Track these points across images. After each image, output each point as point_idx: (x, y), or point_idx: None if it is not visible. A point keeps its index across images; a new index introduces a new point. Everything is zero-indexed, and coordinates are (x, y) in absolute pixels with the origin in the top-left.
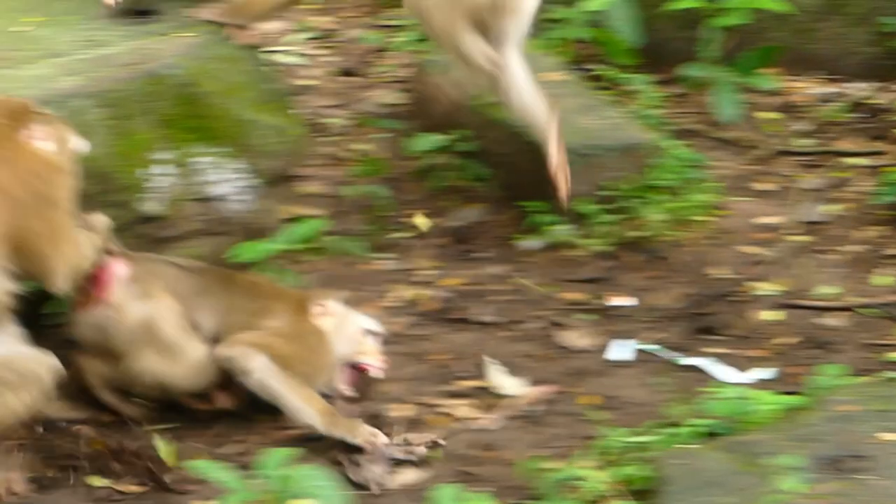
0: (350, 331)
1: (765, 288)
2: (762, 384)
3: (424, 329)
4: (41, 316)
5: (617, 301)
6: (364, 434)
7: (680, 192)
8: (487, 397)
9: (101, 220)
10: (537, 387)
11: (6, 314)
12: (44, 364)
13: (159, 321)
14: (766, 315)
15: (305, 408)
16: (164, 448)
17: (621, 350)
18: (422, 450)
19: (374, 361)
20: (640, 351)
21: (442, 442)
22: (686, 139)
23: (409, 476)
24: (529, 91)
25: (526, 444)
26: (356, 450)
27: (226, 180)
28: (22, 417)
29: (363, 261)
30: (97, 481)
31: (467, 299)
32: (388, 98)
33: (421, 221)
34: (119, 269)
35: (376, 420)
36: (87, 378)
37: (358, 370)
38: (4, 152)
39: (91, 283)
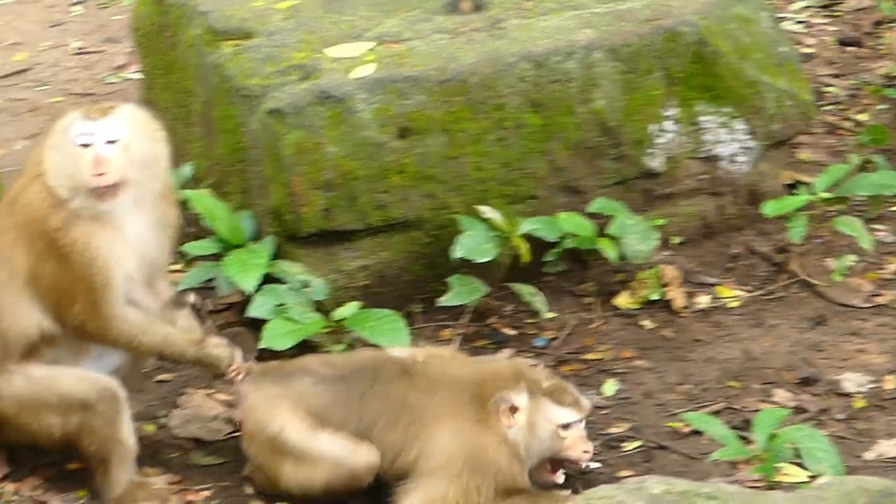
0: (545, 432)
1: None
2: None
3: None
4: None
5: None
6: None
7: None
8: None
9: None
10: None
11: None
12: (96, 386)
13: (283, 433)
14: None
15: None
16: None
17: None
18: None
19: (579, 454)
20: None
21: None
22: None
23: (889, 449)
24: None
25: None
26: None
27: (730, 141)
28: (63, 441)
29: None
30: None
31: None
32: (891, 69)
33: None
34: (245, 394)
35: None
36: (259, 487)
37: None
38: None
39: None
